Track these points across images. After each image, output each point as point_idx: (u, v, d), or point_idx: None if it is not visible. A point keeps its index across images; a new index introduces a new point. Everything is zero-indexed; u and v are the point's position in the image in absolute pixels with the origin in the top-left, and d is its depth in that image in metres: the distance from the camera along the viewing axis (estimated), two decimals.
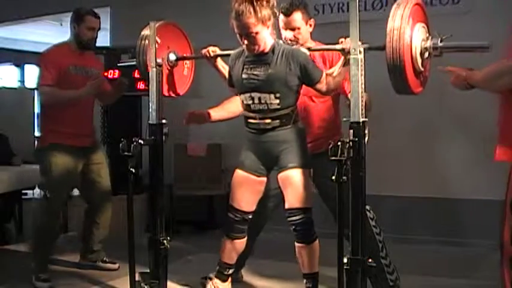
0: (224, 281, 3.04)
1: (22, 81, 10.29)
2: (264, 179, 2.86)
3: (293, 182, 2.73)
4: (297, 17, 3.03)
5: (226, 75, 2.95)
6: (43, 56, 3.54)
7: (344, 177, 2.23)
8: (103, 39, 6.43)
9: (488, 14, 4.19)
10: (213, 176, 4.99)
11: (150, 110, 2.92)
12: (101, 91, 3.64)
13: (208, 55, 2.95)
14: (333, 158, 2.24)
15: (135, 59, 3.15)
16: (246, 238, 2.94)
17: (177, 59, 3.07)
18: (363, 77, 2.31)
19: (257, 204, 2.92)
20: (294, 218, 2.72)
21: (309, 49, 2.80)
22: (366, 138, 2.32)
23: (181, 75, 3.21)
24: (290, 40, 2.99)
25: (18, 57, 10.06)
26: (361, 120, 2.30)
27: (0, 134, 5.18)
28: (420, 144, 4.46)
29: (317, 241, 2.78)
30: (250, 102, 2.75)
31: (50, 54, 3.53)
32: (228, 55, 2.92)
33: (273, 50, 2.70)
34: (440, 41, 2.31)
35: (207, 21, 5.28)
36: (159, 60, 2.91)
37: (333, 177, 2.24)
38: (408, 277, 3.30)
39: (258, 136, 2.78)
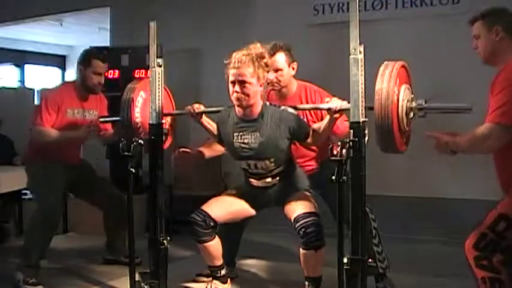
0: (223, 282, 3.07)
1: (22, 81, 10.29)
2: (254, 213, 3.00)
3: (297, 198, 2.84)
4: (280, 58, 3.08)
5: (213, 131, 2.98)
6: (47, 95, 3.50)
7: (344, 177, 2.24)
8: (103, 39, 6.47)
9: None
10: (213, 177, 4.98)
11: (150, 110, 2.92)
12: (101, 136, 3.64)
13: (192, 112, 2.94)
14: (333, 158, 2.25)
15: (118, 116, 3.09)
16: (216, 239, 2.94)
17: (162, 115, 2.99)
18: (362, 77, 2.31)
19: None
20: (305, 220, 2.71)
21: (295, 108, 2.82)
22: (366, 138, 2.33)
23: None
24: (271, 82, 2.98)
25: (18, 57, 10.05)
26: (361, 120, 2.30)
27: (5, 136, 5.20)
28: (420, 144, 4.46)
29: (323, 248, 2.74)
30: (247, 167, 2.87)
31: (54, 95, 3.49)
32: (213, 112, 2.95)
33: (262, 115, 2.76)
34: (425, 102, 2.35)
35: (206, 21, 5.29)
36: (159, 60, 2.91)
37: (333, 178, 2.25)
38: (408, 277, 3.30)
39: (260, 190, 2.92)
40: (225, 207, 2.96)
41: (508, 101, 2.11)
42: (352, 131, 2.30)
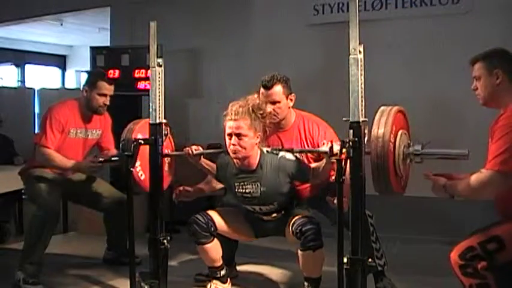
0: (223, 282, 3.08)
1: (22, 81, 10.30)
2: (254, 239, 3.09)
3: (293, 215, 2.88)
4: (278, 90, 3.08)
5: (212, 170, 2.99)
6: (53, 113, 3.46)
7: (343, 177, 2.25)
8: (103, 39, 6.46)
9: (488, 14, 4.19)
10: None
11: (150, 110, 2.92)
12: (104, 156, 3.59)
13: (190, 153, 2.92)
14: (333, 157, 2.26)
15: (116, 156, 3.07)
16: (214, 241, 2.97)
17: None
18: (362, 77, 2.31)
19: None
20: (301, 220, 2.75)
21: (292, 151, 2.84)
22: (366, 138, 2.33)
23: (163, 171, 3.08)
24: (269, 115, 2.97)
25: (18, 57, 10.07)
26: (361, 120, 2.30)
27: (5, 136, 5.20)
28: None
29: (322, 249, 2.75)
30: (252, 209, 2.92)
31: (59, 116, 3.45)
32: (211, 153, 2.98)
33: (260, 165, 2.80)
34: (422, 148, 2.34)
35: (206, 21, 5.29)
36: (159, 60, 2.91)
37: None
38: (408, 277, 3.30)
39: (265, 221, 2.98)
40: (230, 224, 3.01)
41: (507, 148, 2.10)
42: (352, 130, 2.30)
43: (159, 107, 2.91)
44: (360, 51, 2.30)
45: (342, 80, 2.57)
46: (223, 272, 3.05)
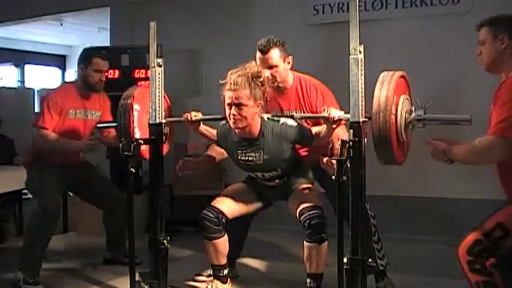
0: (224, 282, 3.06)
1: (22, 81, 10.30)
2: (261, 206, 3.07)
3: (301, 193, 2.88)
4: (274, 54, 3.04)
5: (213, 137, 2.98)
6: (48, 97, 3.48)
7: (344, 177, 2.24)
8: (103, 39, 6.46)
9: (488, 14, 4.17)
10: (213, 176, 4.98)
11: (150, 110, 2.92)
12: (105, 137, 3.63)
13: (189, 120, 2.90)
14: (333, 157, 2.26)
15: (115, 122, 3.07)
16: (225, 236, 2.97)
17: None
18: (362, 77, 2.31)
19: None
20: (310, 213, 2.73)
21: (292, 117, 2.83)
22: (366, 138, 2.33)
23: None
24: (267, 79, 2.94)
25: (18, 57, 10.07)
26: (361, 120, 2.30)
27: (5, 136, 5.20)
28: (420, 144, 4.46)
29: (326, 242, 2.75)
30: (255, 176, 2.95)
31: (55, 96, 3.47)
32: (211, 120, 2.96)
33: (262, 133, 2.79)
34: (424, 113, 2.33)
35: (206, 21, 5.29)
36: (159, 60, 2.91)
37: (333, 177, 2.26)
38: (408, 277, 3.30)
39: (268, 187, 2.99)
40: (236, 202, 3.00)
41: (509, 115, 2.09)
42: (352, 130, 2.30)
43: (159, 107, 2.91)
44: (360, 51, 2.30)
45: (342, 80, 2.58)
46: (226, 272, 3.05)
